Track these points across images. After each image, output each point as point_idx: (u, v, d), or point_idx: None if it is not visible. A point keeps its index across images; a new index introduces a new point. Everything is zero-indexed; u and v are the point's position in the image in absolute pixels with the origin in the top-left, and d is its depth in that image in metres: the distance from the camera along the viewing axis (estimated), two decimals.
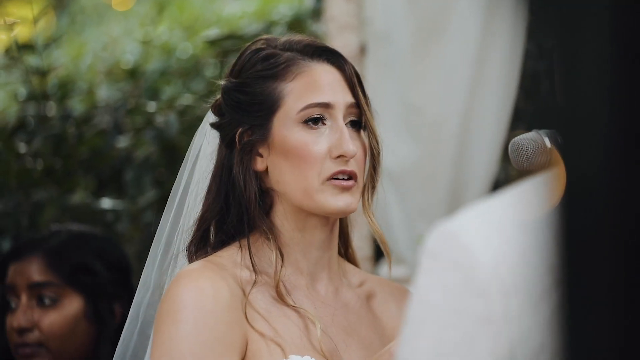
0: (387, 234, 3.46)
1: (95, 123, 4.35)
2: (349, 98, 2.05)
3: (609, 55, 0.90)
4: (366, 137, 2.08)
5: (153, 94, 4.55)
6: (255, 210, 2.04)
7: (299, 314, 2.02)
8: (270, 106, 2.04)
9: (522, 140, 1.97)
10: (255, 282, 2.01)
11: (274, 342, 1.96)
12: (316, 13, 4.28)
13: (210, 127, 2.13)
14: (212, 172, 2.10)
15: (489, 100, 3.40)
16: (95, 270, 2.83)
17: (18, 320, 2.78)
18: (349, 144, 2.01)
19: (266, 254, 2.05)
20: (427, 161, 3.42)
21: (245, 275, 2.02)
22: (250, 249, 2.03)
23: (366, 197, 2.10)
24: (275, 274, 2.01)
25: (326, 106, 2.03)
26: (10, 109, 5.00)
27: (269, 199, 2.07)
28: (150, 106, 4.28)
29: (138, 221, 3.98)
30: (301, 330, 2.00)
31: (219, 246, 2.07)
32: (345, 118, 2.04)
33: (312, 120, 2.02)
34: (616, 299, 0.90)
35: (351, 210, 2.03)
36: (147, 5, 6.57)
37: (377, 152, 2.09)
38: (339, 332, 2.05)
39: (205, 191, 2.11)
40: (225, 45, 4.31)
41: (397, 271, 3.16)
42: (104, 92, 4.75)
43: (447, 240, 1.29)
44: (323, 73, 2.05)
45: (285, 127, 2.02)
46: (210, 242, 2.08)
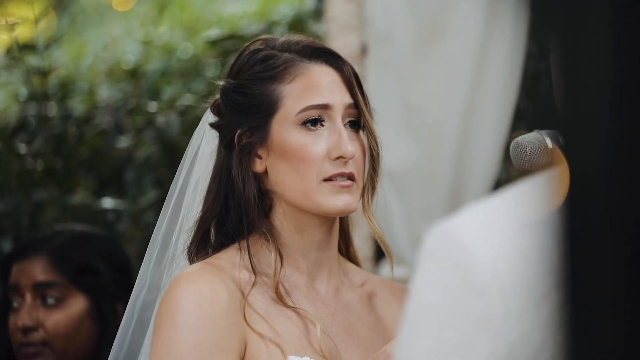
0: (387, 234, 3.47)
1: (96, 123, 4.35)
2: (347, 99, 2.05)
3: (611, 55, 0.90)
4: (365, 137, 2.08)
5: (154, 94, 4.55)
6: (255, 212, 2.04)
7: (299, 314, 2.02)
8: (268, 108, 2.04)
9: (523, 140, 1.97)
10: (254, 283, 2.01)
11: (273, 343, 1.96)
12: (317, 13, 4.28)
13: (209, 127, 2.14)
14: (211, 172, 2.11)
15: (489, 101, 3.40)
16: (99, 270, 2.84)
17: (22, 319, 2.78)
18: (347, 145, 2.01)
19: (265, 255, 2.05)
20: (427, 161, 3.42)
21: (244, 276, 2.02)
22: (249, 251, 2.03)
23: (366, 198, 2.10)
24: (274, 276, 2.01)
25: (324, 107, 2.02)
26: (11, 109, 5.01)
27: (268, 200, 2.07)
28: (151, 106, 4.28)
29: (139, 221, 3.98)
30: (301, 330, 2.00)
31: (219, 247, 2.07)
32: (343, 119, 2.04)
33: (311, 122, 2.02)
34: (617, 300, 0.90)
35: (351, 210, 2.03)
36: (147, 6, 6.57)
37: (377, 152, 2.09)
38: (339, 332, 2.05)
39: (205, 191, 2.11)
40: (226, 46, 4.31)
41: (398, 271, 3.15)
42: (105, 92, 4.75)
43: (446, 240, 1.29)
44: (321, 74, 2.05)
45: (283, 128, 2.02)
46: (210, 243, 2.08)
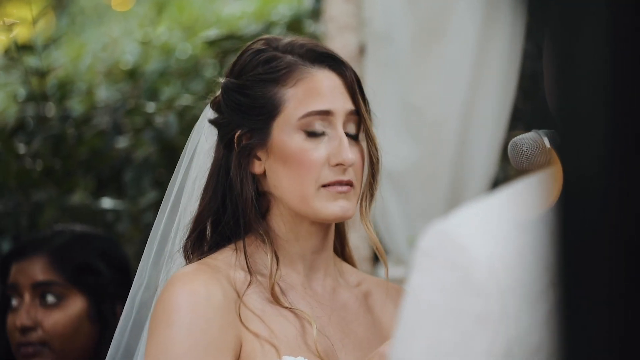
0: (386, 234, 3.47)
1: (94, 124, 4.35)
2: (349, 105, 2.05)
3: (607, 55, 0.90)
4: (365, 143, 2.08)
5: (152, 95, 4.55)
6: (252, 213, 2.04)
7: (296, 314, 2.02)
8: (270, 111, 2.03)
9: (521, 140, 1.97)
10: (250, 283, 2.01)
11: (268, 343, 1.96)
12: (315, 13, 4.28)
13: (208, 123, 2.13)
14: (209, 170, 2.10)
15: (488, 101, 3.41)
16: (98, 270, 2.83)
17: (21, 319, 2.78)
18: (347, 152, 2.01)
19: (261, 256, 2.05)
20: (427, 161, 3.42)
21: (240, 276, 2.02)
22: (245, 251, 2.03)
23: (364, 205, 2.10)
24: (270, 278, 2.01)
25: (326, 113, 2.02)
26: (10, 110, 5.01)
27: (265, 202, 2.07)
28: (150, 107, 4.28)
29: (138, 221, 3.98)
30: (297, 330, 2.00)
31: (215, 246, 2.07)
32: (344, 125, 2.04)
33: (313, 134, 2.01)
34: (614, 299, 0.90)
35: (348, 217, 2.03)
36: (146, 6, 6.57)
37: (376, 159, 2.09)
38: (335, 332, 2.05)
39: (202, 189, 2.10)
40: (225, 46, 4.31)
41: (397, 272, 3.15)
42: (104, 93, 4.75)
43: (443, 239, 1.29)
44: (324, 79, 2.04)
45: (285, 132, 2.02)
46: (207, 240, 2.08)
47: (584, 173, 0.89)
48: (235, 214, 2.05)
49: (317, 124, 2.02)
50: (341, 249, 2.17)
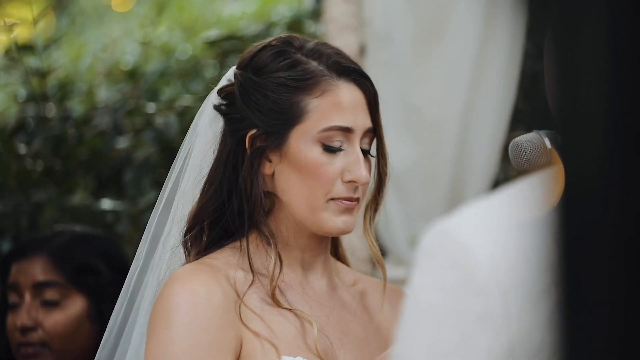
0: (386, 234, 3.47)
1: (94, 124, 4.35)
2: (368, 123, 2.04)
3: (607, 55, 0.90)
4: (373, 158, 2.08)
5: (152, 95, 4.55)
6: (259, 215, 2.04)
7: (296, 313, 2.02)
8: (291, 118, 2.01)
9: (522, 140, 1.97)
10: (252, 283, 2.01)
11: (268, 342, 1.95)
12: (315, 14, 4.28)
13: (213, 109, 2.10)
14: (213, 163, 2.08)
15: (488, 100, 3.41)
16: (99, 270, 2.83)
17: (21, 319, 2.77)
18: (362, 170, 2.01)
19: (261, 256, 2.05)
20: (427, 161, 3.42)
21: (240, 276, 2.01)
22: (249, 250, 2.03)
23: (368, 218, 2.10)
24: (271, 281, 2.01)
25: (347, 130, 2.02)
26: (10, 110, 5.01)
27: (268, 202, 2.06)
28: (150, 107, 4.28)
29: (138, 222, 3.98)
30: (297, 329, 2.00)
31: (215, 242, 2.06)
32: (360, 142, 2.04)
33: (330, 148, 2.01)
34: (614, 299, 0.90)
35: (349, 231, 2.04)
36: (146, 6, 6.57)
37: (385, 174, 2.10)
38: (334, 331, 2.05)
39: (203, 182, 2.08)
40: (225, 46, 4.31)
41: (397, 272, 3.16)
42: (104, 93, 4.75)
43: (443, 239, 1.29)
44: (348, 94, 2.03)
45: (303, 142, 2.01)
46: (206, 234, 2.07)
47: (585, 173, 0.89)
48: (240, 212, 2.04)
49: (337, 138, 2.01)
50: (335, 249, 2.17)
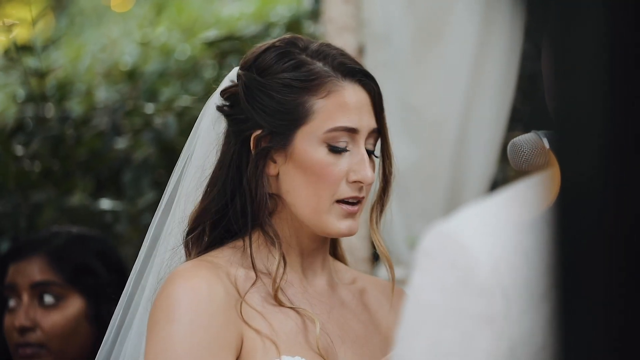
0: (386, 234, 3.46)
1: (93, 124, 4.35)
2: (373, 124, 2.05)
3: (605, 56, 0.90)
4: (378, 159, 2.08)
5: (151, 96, 4.55)
6: (264, 215, 2.04)
7: (297, 311, 2.02)
8: (297, 118, 2.01)
9: (520, 141, 1.97)
10: (255, 282, 2.01)
11: (269, 340, 1.95)
12: (314, 14, 4.28)
13: (216, 110, 2.09)
14: (216, 164, 2.08)
15: (487, 101, 3.41)
16: (96, 271, 2.83)
17: (19, 319, 2.77)
18: (367, 171, 2.01)
19: (263, 255, 2.05)
20: (426, 162, 3.43)
21: (241, 273, 2.01)
22: (251, 249, 2.03)
23: (374, 219, 2.10)
24: (274, 281, 2.01)
25: (352, 131, 2.02)
26: (9, 111, 5.00)
27: (272, 203, 2.06)
28: (149, 108, 4.28)
29: (137, 222, 3.98)
30: (298, 326, 2.00)
31: (217, 242, 2.06)
32: (365, 143, 2.04)
33: (336, 149, 2.01)
34: (612, 300, 0.90)
35: (352, 234, 2.05)
36: (145, 7, 6.57)
37: (390, 172, 2.10)
38: (334, 329, 2.05)
39: (206, 183, 2.08)
40: (224, 47, 4.31)
41: (396, 272, 3.15)
42: (103, 94, 4.75)
43: (444, 240, 1.29)
44: (354, 95, 2.03)
45: (308, 142, 2.01)
46: (207, 234, 2.07)
47: (582, 174, 0.89)
48: (244, 212, 2.04)
49: (342, 139, 2.01)
50: (333, 249, 2.17)
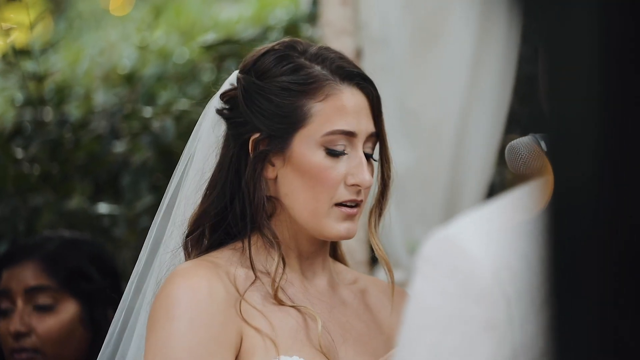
0: (384, 237, 3.46)
1: (92, 128, 4.35)
2: (371, 127, 2.05)
3: (599, 60, 0.90)
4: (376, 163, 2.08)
5: (149, 99, 4.54)
6: (262, 218, 2.04)
7: (299, 310, 2.02)
8: (295, 122, 2.02)
9: (518, 144, 1.97)
10: (254, 281, 2.01)
11: (269, 339, 1.96)
12: (312, 18, 4.28)
13: (215, 113, 2.09)
14: (215, 167, 2.08)
15: (484, 104, 3.41)
16: (90, 275, 2.82)
17: (14, 324, 2.76)
18: (366, 174, 2.01)
19: (263, 257, 2.05)
20: (424, 165, 3.43)
21: (241, 273, 2.01)
22: (250, 250, 2.03)
23: (372, 223, 2.11)
24: (273, 282, 2.01)
25: (350, 134, 2.02)
26: (7, 114, 5.00)
27: (270, 206, 2.06)
28: (147, 111, 4.28)
29: (135, 226, 3.98)
30: (299, 325, 2.00)
31: (217, 244, 2.06)
32: (364, 146, 2.04)
33: (334, 152, 2.01)
34: (607, 305, 0.91)
35: (351, 237, 2.05)
36: (143, 11, 6.56)
37: (389, 176, 2.10)
38: (335, 328, 2.05)
39: (205, 185, 2.08)
40: (222, 50, 4.31)
41: (395, 275, 3.15)
42: (101, 97, 4.75)
43: (445, 246, 1.29)
44: (351, 98, 2.03)
45: (306, 146, 2.01)
46: (206, 237, 2.07)
47: (576, 177, 0.89)
48: (243, 215, 2.04)
49: (340, 142, 2.02)
50: (333, 251, 2.18)
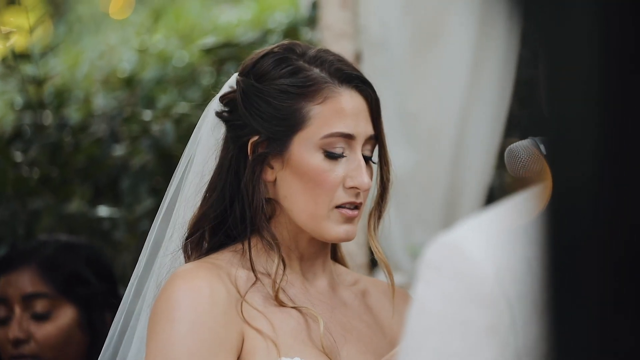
0: (383, 241, 3.46)
1: (91, 131, 4.35)
2: (370, 130, 2.05)
3: (599, 61, 0.90)
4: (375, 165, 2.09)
5: (149, 103, 4.54)
6: (261, 220, 2.04)
7: (300, 311, 2.02)
8: (293, 124, 2.02)
9: (517, 147, 1.98)
10: (255, 282, 2.01)
11: (270, 340, 1.96)
12: (312, 21, 4.27)
13: (215, 116, 2.10)
14: (215, 170, 2.08)
15: (484, 107, 3.41)
16: (87, 279, 2.82)
17: (13, 332, 2.76)
18: (364, 177, 2.01)
19: (263, 259, 2.05)
20: (423, 168, 3.43)
21: (242, 274, 2.02)
22: (250, 253, 2.03)
23: (372, 225, 2.11)
24: (274, 283, 2.01)
25: (349, 137, 2.02)
26: (7, 118, 5.00)
27: (269, 208, 2.07)
28: (146, 115, 4.28)
29: (135, 229, 3.98)
30: (301, 326, 2.00)
31: (217, 247, 2.06)
32: (363, 149, 2.04)
33: (332, 155, 2.01)
34: (607, 307, 0.91)
35: (350, 239, 2.05)
36: (143, 14, 6.57)
37: (388, 181, 2.10)
38: (337, 328, 2.06)
39: (205, 188, 2.08)
40: (221, 54, 4.31)
41: (395, 278, 3.15)
42: (100, 101, 4.74)
43: (448, 251, 1.29)
44: (350, 101, 2.03)
45: (305, 148, 2.01)
46: (206, 240, 2.07)
47: (575, 180, 0.89)
48: (242, 218, 2.04)
49: (338, 145, 2.02)
50: (334, 253, 2.18)
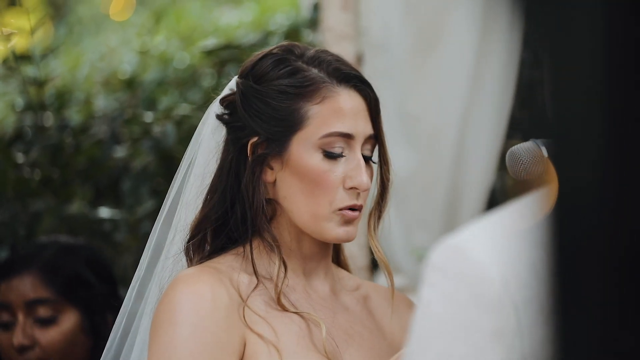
0: (384, 242, 3.46)
1: (92, 133, 4.35)
2: (369, 129, 2.05)
3: (602, 62, 0.90)
4: (375, 165, 2.09)
5: (150, 104, 4.54)
6: (262, 221, 2.04)
7: (302, 315, 2.02)
8: (292, 125, 2.02)
9: (519, 149, 1.98)
10: (256, 286, 2.01)
11: (272, 345, 1.96)
12: (313, 23, 4.27)
13: (215, 119, 2.10)
14: (215, 172, 2.09)
15: (485, 109, 3.41)
16: (88, 281, 2.81)
17: (18, 338, 2.75)
18: (363, 177, 2.01)
19: (265, 261, 2.06)
20: (424, 170, 3.43)
21: (244, 279, 2.02)
22: (252, 256, 2.03)
23: (372, 225, 2.10)
24: (275, 286, 2.01)
25: (348, 136, 2.02)
26: (8, 119, 5.00)
27: (270, 209, 2.07)
28: (147, 116, 4.28)
29: (136, 231, 3.98)
30: (303, 330, 2.00)
31: (219, 249, 2.06)
32: (362, 148, 2.04)
33: (331, 154, 2.01)
34: (611, 309, 0.90)
35: (351, 240, 2.05)
36: (144, 16, 6.57)
37: (388, 181, 2.10)
38: (339, 333, 2.06)
39: (206, 190, 2.09)
40: (222, 55, 4.31)
41: (395, 280, 3.15)
42: (101, 102, 4.74)
43: (454, 254, 1.28)
44: (349, 100, 2.03)
45: (304, 148, 2.01)
46: (208, 242, 2.07)
47: (579, 180, 0.89)
48: (244, 219, 2.04)
49: (337, 145, 2.02)
50: (336, 257, 2.18)
